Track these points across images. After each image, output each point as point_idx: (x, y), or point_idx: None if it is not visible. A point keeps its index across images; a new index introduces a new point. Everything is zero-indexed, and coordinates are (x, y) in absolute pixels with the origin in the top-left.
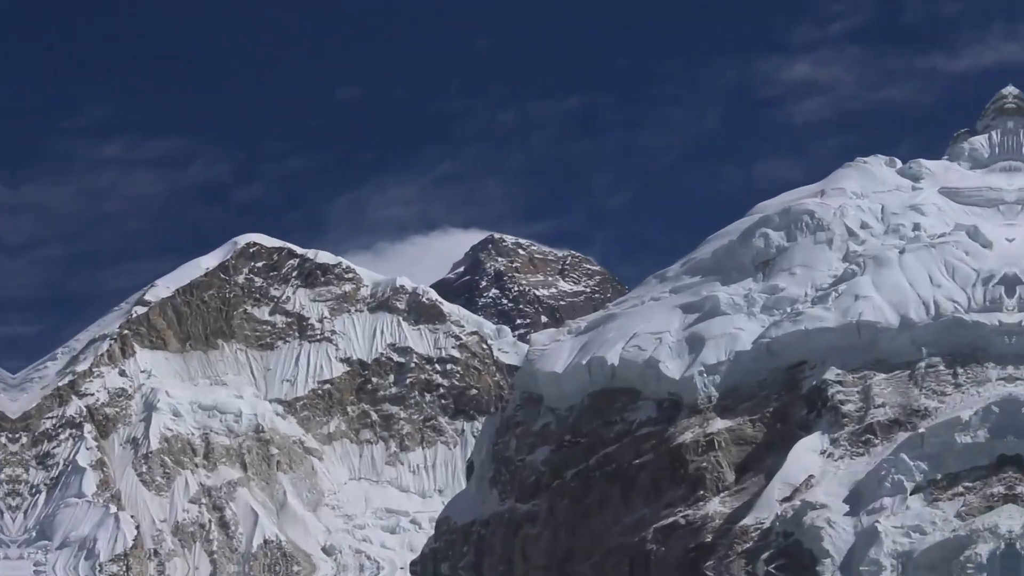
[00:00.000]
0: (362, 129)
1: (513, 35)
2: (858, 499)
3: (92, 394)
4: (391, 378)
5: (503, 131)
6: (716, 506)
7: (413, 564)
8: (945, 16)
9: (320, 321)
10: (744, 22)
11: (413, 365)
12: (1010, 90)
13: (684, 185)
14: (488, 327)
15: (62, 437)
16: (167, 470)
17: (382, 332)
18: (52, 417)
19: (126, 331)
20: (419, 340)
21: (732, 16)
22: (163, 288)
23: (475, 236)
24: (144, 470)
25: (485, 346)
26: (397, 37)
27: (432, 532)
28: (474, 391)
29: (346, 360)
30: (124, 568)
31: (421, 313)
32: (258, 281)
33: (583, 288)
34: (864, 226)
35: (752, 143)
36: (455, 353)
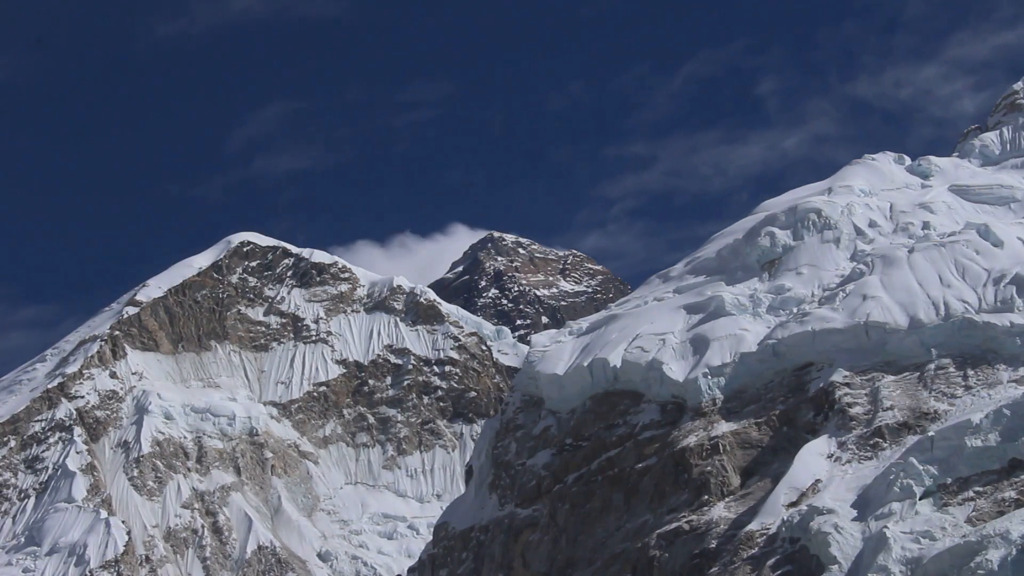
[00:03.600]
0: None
1: None
2: (866, 504)
3: (82, 396)
4: (388, 380)
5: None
6: (721, 511)
7: (411, 571)
8: (714, 195)
9: (315, 322)
10: (531, 210)
11: (411, 367)
12: (1020, 86)
13: None
14: (487, 328)
15: (51, 440)
16: (159, 474)
17: (379, 333)
18: (41, 420)
19: (117, 332)
20: (417, 341)
21: (520, 206)
22: (155, 288)
23: (474, 235)
24: (135, 474)
25: (484, 347)
26: (227, 224)
27: (430, 538)
28: (473, 393)
29: (342, 362)
30: (115, 574)
31: (419, 314)
32: (252, 281)
33: (584, 288)
34: (872, 225)
35: None
36: (453, 355)
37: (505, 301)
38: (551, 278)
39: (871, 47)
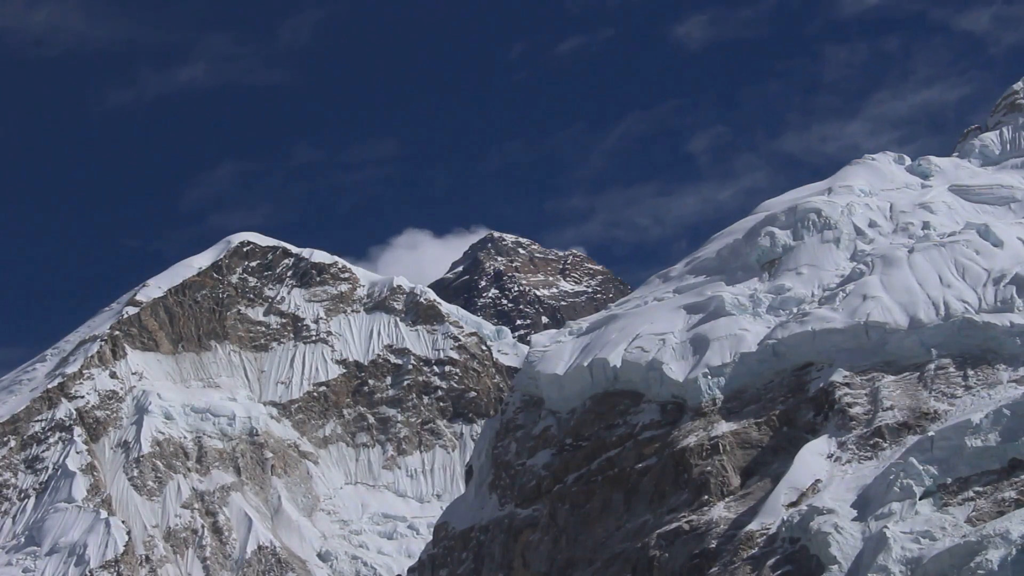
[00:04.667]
0: None
1: None
2: (866, 504)
3: (82, 396)
4: (388, 380)
5: None
6: (721, 511)
7: (411, 571)
8: (652, 243)
9: (315, 322)
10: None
11: (411, 367)
12: (1020, 86)
13: None
14: (487, 328)
15: (51, 440)
16: (159, 474)
17: (379, 333)
18: (41, 420)
19: (117, 332)
20: (417, 341)
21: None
22: (155, 288)
23: (474, 235)
24: (135, 474)
25: (484, 347)
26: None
27: (430, 538)
28: (473, 393)
29: (342, 362)
30: (115, 574)
31: (419, 314)
32: (252, 281)
33: (584, 288)
34: (872, 225)
35: None
36: (453, 355)
37: (505, 301)
38: (551, 278)
39: (795, 106)
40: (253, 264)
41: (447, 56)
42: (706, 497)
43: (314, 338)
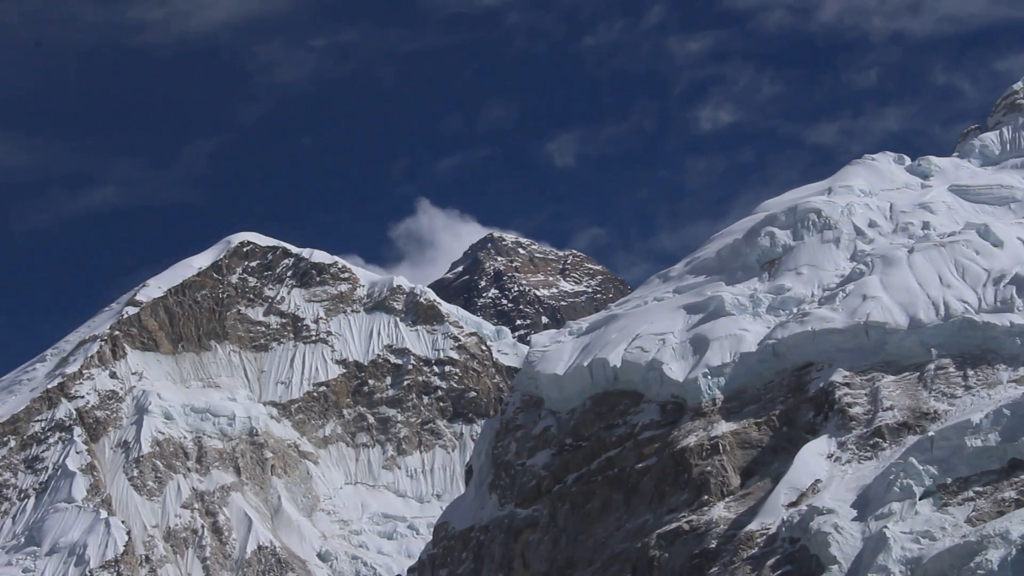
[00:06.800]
0: None
1: None
2: (866, 504)
3: (82, 397)
4: (388, 380)
5: None
6: (721, 511)
7: (411, 570)
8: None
9: (315, 322)
10: None
11: (410, 367)
12: (1020, 86)
13: None
14: (487, 328)
15: (51, 441)
16: (159, 474)
17: (379, 333)
18: (41, 420)
19: (117, 332)
20: (416, 341)
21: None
22: (154, 288)
23: (474, 234)
24: (135, 474)
25: (484, 347)
26: None
27: (430, 538)
28: (473, 393)
29: (342, 362)
30: (115, 574)
31: (419, 314)
32: (252, 281)
33: (584, 288)
34: (872, 225)
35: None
36: (453, 355)
37: (505, 301)
38: (551, 278)
39: (664, 211)
40: (253, 264)
41: (335, 174)
42: (706, 497)
43: (314, 338)
